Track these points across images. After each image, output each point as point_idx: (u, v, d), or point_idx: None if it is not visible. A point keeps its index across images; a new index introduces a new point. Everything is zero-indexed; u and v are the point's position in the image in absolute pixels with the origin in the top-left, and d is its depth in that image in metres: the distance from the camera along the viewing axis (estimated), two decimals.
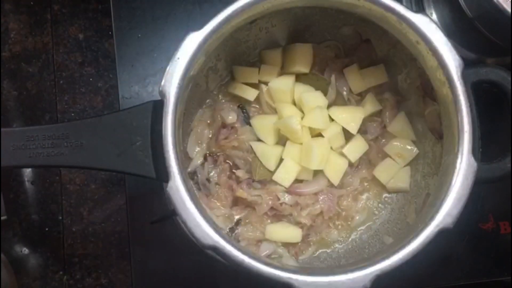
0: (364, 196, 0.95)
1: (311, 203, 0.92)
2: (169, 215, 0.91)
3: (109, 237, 1.14)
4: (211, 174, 0.93)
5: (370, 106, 0.93)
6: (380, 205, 0.94)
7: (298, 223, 0.92)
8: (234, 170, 0.93)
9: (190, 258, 0.97)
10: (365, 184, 0.95)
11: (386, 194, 0.95)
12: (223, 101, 0.95)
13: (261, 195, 0.91)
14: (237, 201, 0.93)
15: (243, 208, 0.93)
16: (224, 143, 0.92)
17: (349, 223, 0.94)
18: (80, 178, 1.14)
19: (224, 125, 0.94)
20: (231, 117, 0.93)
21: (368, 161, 0.95)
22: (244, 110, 0.95)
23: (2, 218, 1.09)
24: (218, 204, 0.93)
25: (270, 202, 0.91)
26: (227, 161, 0.94)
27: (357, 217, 0.94)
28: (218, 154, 0.93)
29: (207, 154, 0.93)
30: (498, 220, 1.01)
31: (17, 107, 1.15)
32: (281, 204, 0.91)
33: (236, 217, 0.93)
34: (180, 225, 0.88)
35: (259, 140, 0.93)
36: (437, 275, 1.00)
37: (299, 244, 0.92)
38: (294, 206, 0.92)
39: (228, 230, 0.92)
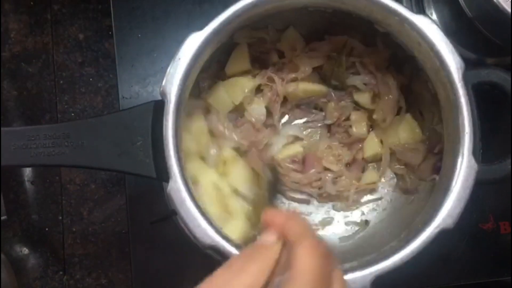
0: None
1: None
2: (169, 215, 0.91)
3: (109, 237, 1.14)
4: None
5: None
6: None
7: None
8: None
9: (190, 258, 0.97)
10: None
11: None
12: None
13: None
14: None
15: None
16: None
17: None
18: (80, 178, 1.14)
19: None
20: None
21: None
22: None
23: (2, 218, 1.09)
24: None
25: None
26: None
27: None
28: None
29: None
30: (498, 220, 1.01)
31: (17, 107, 1.15)
32: None
33: None
34: (180, 225, 0.88)
35: None
36: (437, 275, 1.00)
37: None
38: None
39: None
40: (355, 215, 0.96)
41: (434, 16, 0.98)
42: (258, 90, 0.94)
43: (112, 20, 1.04)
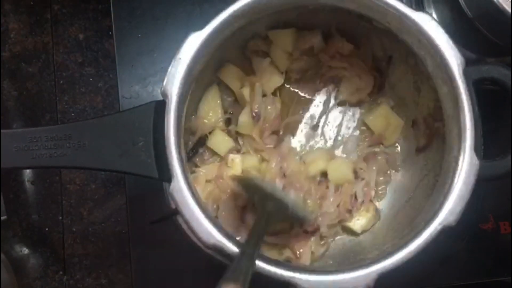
0: None
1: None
2: (169, 215, 0.91)
3: (109, 237, 1.14)
4: None
5: None
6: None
7: None
8: None
9: (190, 258, 0.97)
10: None
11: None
12: None
13: None
14: None
15: None
16: None
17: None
18: (80, 178, 1.14)
19: None
20: None
21: None
22: None
23: (2, 218, 1.08)
24: None
25: None
26: None
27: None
28: None
29: None
30: (498, 220, 1.01)
31: (17, 107, 1.15)
32: None
33: None
34: (180, 225, 0.88)
35: None
36: (437, 275, 1.00)
37: None
38: None
39: None
40: None
41: (434, 16, 0.98)
42: None
43: (112, 20, 1.04)
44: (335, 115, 0.99)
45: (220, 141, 0.93)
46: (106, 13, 1.13)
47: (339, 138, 0.98)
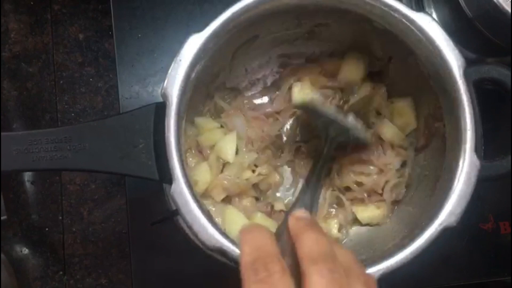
0: None
1: None
2: (169, 216, 0.91)
3: (109, 237, 1.13)
4: None
5: None
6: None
7: None
8: None
9: (190, 258, 0.97)
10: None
11: None
12: None
13: None
14: None
15: None
16: None
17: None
18: (80, 178, 1.14)
19: None
20: None
21: None
22: None
23: (2, 218, 1.08)
24: None
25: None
26: None
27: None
28: None
29: None
30: (498, 220, 1.02)
31: (17, 107, 1.15)
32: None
33: None
34: (181, 226, 0.88)
35: None
36: (437, 275, 1.01)
37: None
38: None
39: None
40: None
41: (434, 16, 0.98)
42: None
43: (112, 20, 1.04)
44: None
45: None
46: (106, 13, 1.13)
47: None
